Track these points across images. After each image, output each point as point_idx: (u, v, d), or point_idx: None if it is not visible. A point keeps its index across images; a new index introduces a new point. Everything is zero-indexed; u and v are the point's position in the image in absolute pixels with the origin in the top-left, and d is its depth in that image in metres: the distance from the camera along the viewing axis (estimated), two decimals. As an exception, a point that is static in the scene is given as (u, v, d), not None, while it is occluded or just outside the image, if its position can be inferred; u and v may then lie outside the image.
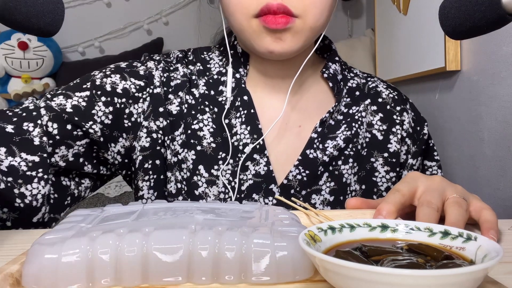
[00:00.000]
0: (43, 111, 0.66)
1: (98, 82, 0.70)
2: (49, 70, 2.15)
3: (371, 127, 0.76)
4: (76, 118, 0.66)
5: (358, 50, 1.92)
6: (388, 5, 1.63)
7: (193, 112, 0.72)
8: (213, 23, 0.86)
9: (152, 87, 0.72)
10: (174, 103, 0.72)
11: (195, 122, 0.71)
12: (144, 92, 0.72)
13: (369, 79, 0.82)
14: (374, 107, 0.77)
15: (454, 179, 1.21)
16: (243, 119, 0.71)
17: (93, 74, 0.72)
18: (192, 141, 0.71)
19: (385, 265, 0.33)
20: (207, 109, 0.72)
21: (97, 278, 0.38)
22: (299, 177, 0.70)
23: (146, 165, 0.70)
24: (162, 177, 0.71)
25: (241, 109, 0.72)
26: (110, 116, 0.69)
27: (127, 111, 0.70)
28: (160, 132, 0.71)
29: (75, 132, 0.67)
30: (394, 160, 0.74)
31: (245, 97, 0.72)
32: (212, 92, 0.74)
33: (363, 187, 0.73)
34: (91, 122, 0.67)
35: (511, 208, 0.97)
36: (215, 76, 0.75)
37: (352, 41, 2.00)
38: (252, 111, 0.72)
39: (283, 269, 0.39)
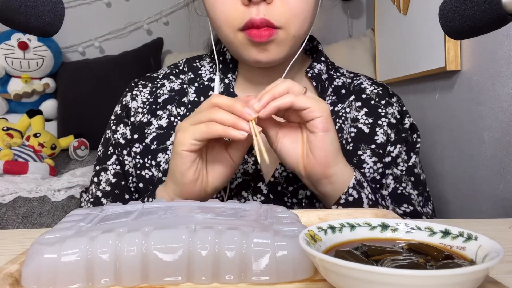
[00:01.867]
0: (104, 201, 0.77)
1: (113, 141, 0.78)
2: (49, 70, 2.15)
3: (356, 122, 0.78)
4: (123, 183, 0.77)
5: (358, 50, 1.92)
6: (388, 5, 1.63)
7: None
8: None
9: (127, 120, 0.78)
10: (163, 117, 0.77)
11: None
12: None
13: (354, 78, 0.84)
14: (359, 103, 0.80)
15: (454, 179, 1.21)
16: None
17: (108, 138, 0.79)
18: None
19: (385, 265, 0.33)
20: None
21: (97, 277, 0.38)
22: (284, 174, 0.72)
23: (139, 186, 0.77)
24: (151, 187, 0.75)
25: None
26: (136, 159, 0.77)
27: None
28: (138, 156, 0.76)
29: (129, 191, 0.78)
30: (381, 151, 0.76)
31: None
32: (202, 98, 0.77)
33: None
34: (131, 177, 0.77)
35: (511, 208, 0.97)
36: (206, 82, 0.79)
37: (352, 41, 2.00)
38: None
39: (283, 269, 0.39)
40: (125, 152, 0.77)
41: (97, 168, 0.79)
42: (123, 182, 0.77)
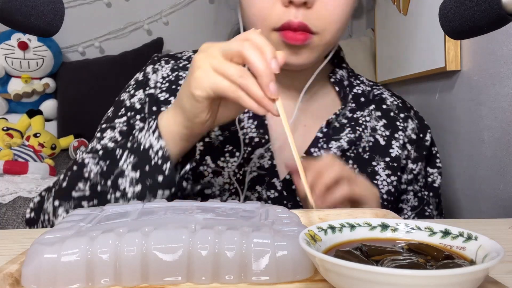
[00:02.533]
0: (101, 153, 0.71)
1: (128, 104, 0.75)
2: (49, 70, 2.15)
3: (375, 132, 0.78)
4: None
5: (358, 50, 1.92)
6: (388, 5, 1.63)
7: None
8: (211, 26, 0.86)
9: (147, 88, 0.76)
10: None
11: None
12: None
13: (374, 87, 0.84)
14: (378, 113, 0.80)
15: (454, 179, 1.21)
16: (251, 114, 0.74)
17: (122, 100, 0.76)
18: None
19: (385, 265, 0.33)
20: None
21: (97, 277, 0.38)
22: None
23: None
24: None
25: None
26: None
27: None
28: None
29: None
30: (395, 164, 0.76)
31: None
32: None
33: None
34: None
35: (511, 208, 0.97)
36: None
37: (352, 41, 2.00)
38: None
39: (283, 269, 0.39)
40: (138, 117, 0.74)
41: (104, 126, 0.75)
42: None
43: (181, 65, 0.79)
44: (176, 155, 0.60)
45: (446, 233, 0.39)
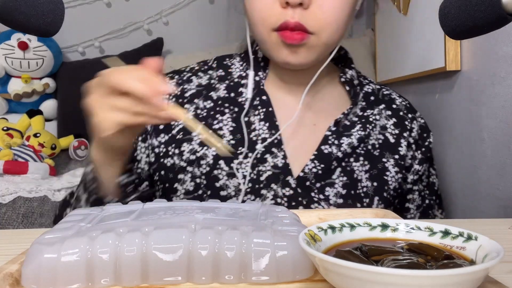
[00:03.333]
0: None
1: None
2: (49, 70, 2.15)
3: (385, 130, 0.81)
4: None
5: (358, 50, 1.92)
6: (388, 5, 1.63)
7: (212, 113, 0.78)
8: (211, 26, 0.88)
9: None
10: (190, 110, 0.79)
11: (215, 122, 0.77)
12: None
13: (382, 86, 0.88)
14: (389, 112, 0.83)
15: (453, 179, 1.21)
16: (262, 117, 0.77)
17: None
18: None
19: (385, 265, 0.33)
20: (226, 110, 0.78)
21: (97, 277, 0.38)
22: (314, 170, 0.74)
23: (155, 178, 0.77)
24: (167, 185, 0.75)
25: (259, 107, 0.78)
26: (160, 147, 0.77)
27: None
28: (162, 145, 0.77)
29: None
30: (402, 162, 0.80)
31: (264, 97, 0.78)
32: (233, 94, 0.79)
33: (375, 184, 0.77)
34: (137, 163, 0.77)
35: (511, 208, 0.97)
36: (236, 80, 0.81)
37: (352, 41, 2.00)
38: (270, 109, 0.77)
39: (283, 269, 0.39)
40: (140, 138, 0.77)
41: None
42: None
43: (185, 78, 0.81)
44: (108, 175, 0.65)
45: (446, 233, 0.39)
